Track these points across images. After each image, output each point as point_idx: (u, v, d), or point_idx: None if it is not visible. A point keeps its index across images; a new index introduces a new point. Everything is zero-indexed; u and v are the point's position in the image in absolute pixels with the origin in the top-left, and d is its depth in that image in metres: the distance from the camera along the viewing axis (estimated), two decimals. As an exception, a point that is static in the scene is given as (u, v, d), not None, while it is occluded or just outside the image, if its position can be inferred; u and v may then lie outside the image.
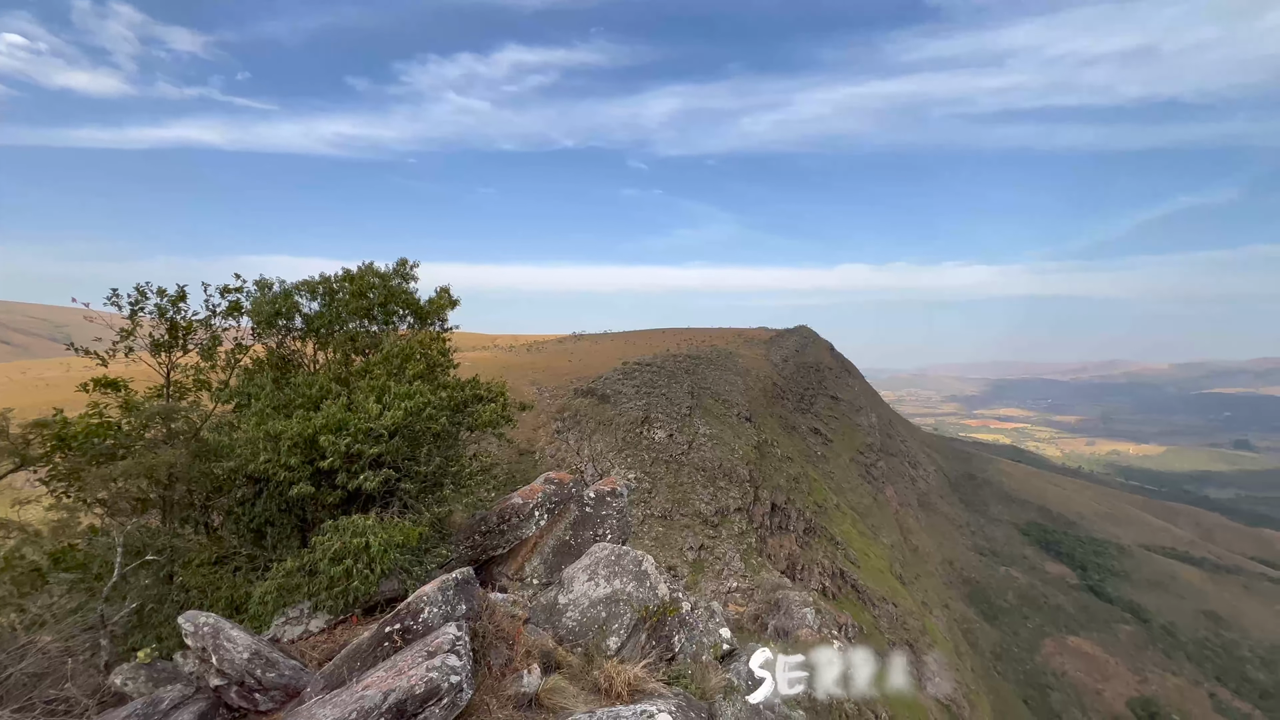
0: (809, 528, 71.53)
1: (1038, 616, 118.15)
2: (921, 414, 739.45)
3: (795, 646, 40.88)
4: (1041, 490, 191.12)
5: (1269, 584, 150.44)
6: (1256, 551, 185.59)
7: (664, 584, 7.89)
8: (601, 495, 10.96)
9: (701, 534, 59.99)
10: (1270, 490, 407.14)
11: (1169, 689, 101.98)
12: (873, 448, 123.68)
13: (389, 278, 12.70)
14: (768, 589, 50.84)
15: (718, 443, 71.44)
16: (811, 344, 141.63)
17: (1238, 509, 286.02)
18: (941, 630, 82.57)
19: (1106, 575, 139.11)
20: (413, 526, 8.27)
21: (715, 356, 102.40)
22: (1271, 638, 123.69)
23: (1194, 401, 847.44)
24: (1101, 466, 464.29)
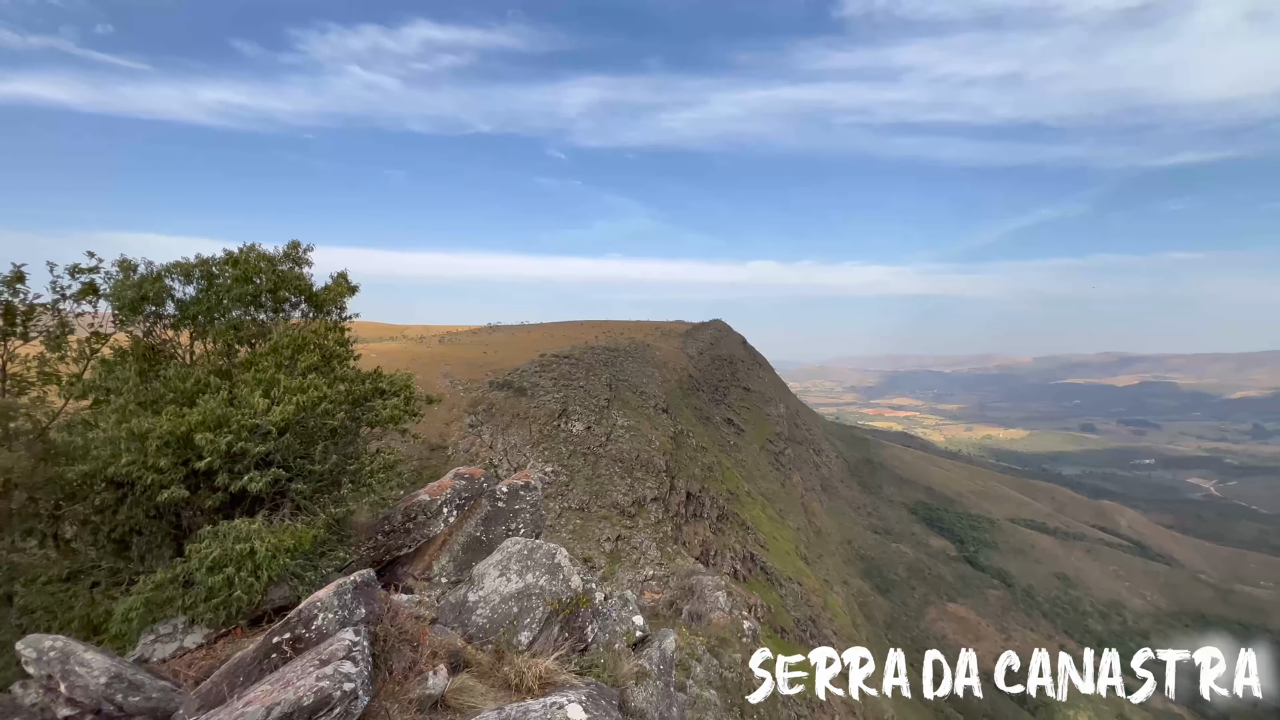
0: (722, 515, 74.25)
1: (923, 587, 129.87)
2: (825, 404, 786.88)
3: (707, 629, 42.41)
4: (927, 472, 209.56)
5: (1106, 548, 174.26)
6: (1097, 520, 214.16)
7: (577, 576, 7.89)
8: (515, 489, 10.76)
9: (619, 525, 60.58)
10: (1108, 467, 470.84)
11: (1028, 644, 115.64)
12: (781, 436, 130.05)
13: (279, 261, 11.70)
14: (682, 575, 52.28)
15: (635, 434, 72.29)
16: (726, 337, 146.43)
17: (1083, 484, 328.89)
18: (841, 605, 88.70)
19: (980, 547, 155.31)
20: (306, 529, 7.71)
21: (633, 349, 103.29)
22: (1107, 594, 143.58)
23: (1050, 391, 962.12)
24: (977, 449, 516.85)
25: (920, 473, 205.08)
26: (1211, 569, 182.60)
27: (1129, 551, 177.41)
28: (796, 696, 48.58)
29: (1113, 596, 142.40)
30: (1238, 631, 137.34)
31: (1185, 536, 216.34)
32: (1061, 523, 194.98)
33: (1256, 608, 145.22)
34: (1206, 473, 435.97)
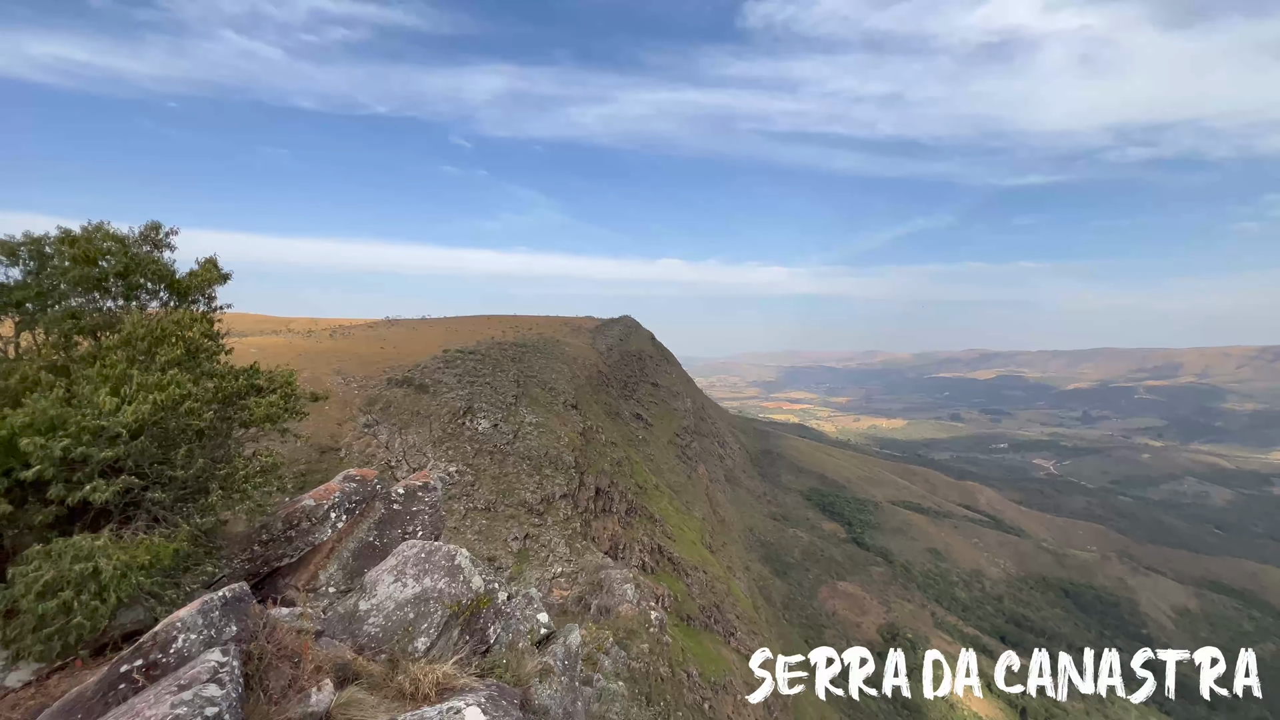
0: (631, 508, 75.16)
1: (816, 568, 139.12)
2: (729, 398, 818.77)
3: (616, 621, 42.82)
4: (820, 461, 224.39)
5: (969, 524, 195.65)
6: (962, 499, 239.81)
7: (479, 577, 7.66)
8: (412, 490, 10.24)
9: (527, 523, 59.54)
10: (971, 451, 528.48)
11: (905, 613, 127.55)
12: (688, 430, 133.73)
13: (134, 244, 10.30)
14: (591, 570, 52.37)
15: (544, 431, 71.29)
16: (635, 333, 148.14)
17: (951, 467, 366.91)
18: (743, 590, 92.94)
19: (865, 528, 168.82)
20: (165, 543, 6.86)
21: (542, 344, 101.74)
22: (971, 565, 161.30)
23: (925, 384, 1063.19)
24: (863, 438, 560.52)
25: (814, 462, 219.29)
26: (1051, 537, 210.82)
27: (987, 526, 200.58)
28: (702, 680, 50.40)
29: (974, 566, 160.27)
30: (1069, 589, 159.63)
31: (1031, 510, 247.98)
32: (933, 503, 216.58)
33: (1083, 568, 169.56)
34: (1047, 454, 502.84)
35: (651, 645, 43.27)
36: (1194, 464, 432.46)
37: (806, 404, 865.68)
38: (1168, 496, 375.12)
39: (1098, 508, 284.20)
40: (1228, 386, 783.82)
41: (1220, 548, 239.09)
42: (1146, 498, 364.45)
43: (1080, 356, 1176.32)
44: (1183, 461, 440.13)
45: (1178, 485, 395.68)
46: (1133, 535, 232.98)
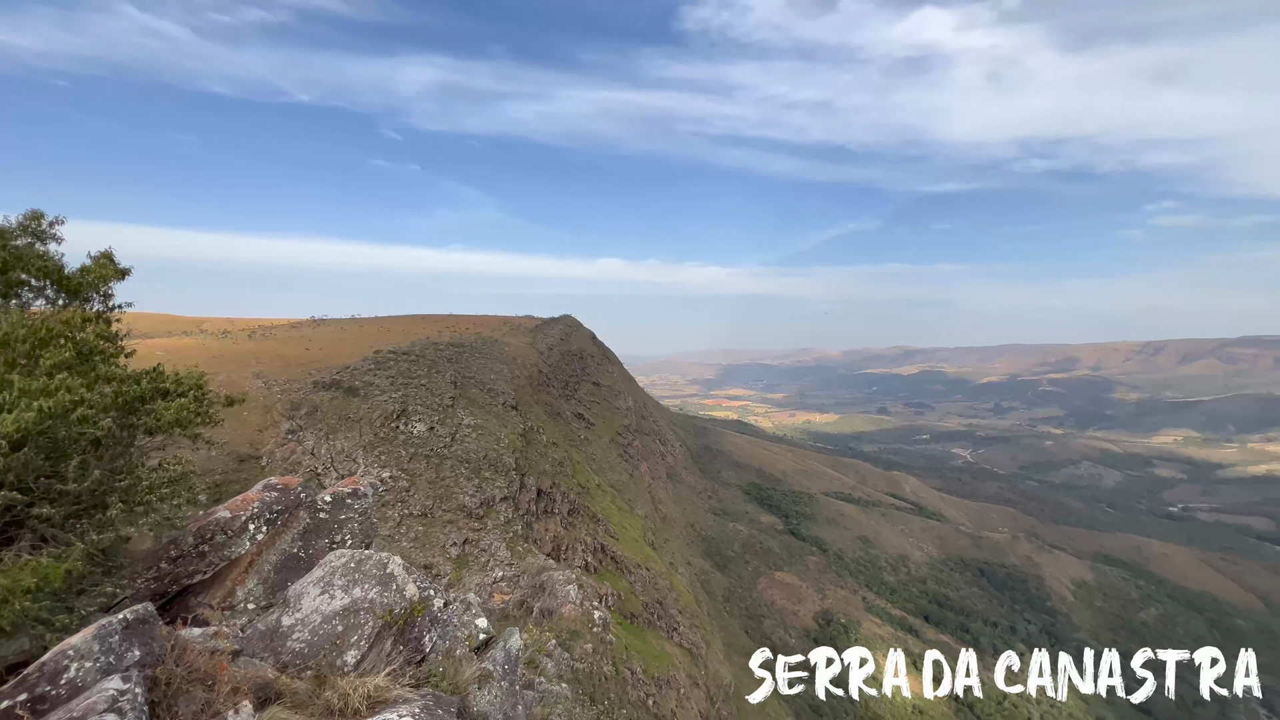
0: (573, 509, 74.64)
1: (755, 560, 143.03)
2: (670, 395, 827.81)
3: (559, 623, 42.45)
4: (759, 456, 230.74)
5: (896, 511, 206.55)
6: (889, 488, 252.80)
7: (414, 584, 7.40)
8: (340, 498, 9.75)
9: (466, 528, 57.98)
10: (897, 443, 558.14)
11: (839, 600, 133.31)
12: (630, 429, 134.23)
13: (11, 235, 9.28)
14: (533, 573, 51.66)
15: (483, 433, 69.62)
16: (576, 332, 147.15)
17: (879, 458, 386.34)
18: (685, 585, 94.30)
19: (801, 519, 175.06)
20: (54, 564, 6.21)
21: (480, 344, 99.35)
22: (897, 550, 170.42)
23: (855, 380, 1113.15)
24: (799, 433, 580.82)
25: (752, 457, 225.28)
26: (968, 521, 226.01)
27: (912, 513, 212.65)
28: (646, 676, 50.77)
29: (900, 551, 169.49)
30: (984, 568, 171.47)
31: (950, 496, 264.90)
32: (863, 493, 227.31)
33: (996, 548, 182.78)
34: (964, 444, 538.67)
35: (595, 645, 43.19)
36: (1089, 449, 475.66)
37: (745, 400, 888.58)
38: (1067, 479, 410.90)
39: (1008, 492, 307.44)
40: (1116, 379, 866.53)
41: (1111, 524, 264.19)
42: (1049, 481, 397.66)
43: (992, 352, 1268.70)
44: (1079, 448, 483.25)
45: (1075, 469, 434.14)
46: (1038, 516, 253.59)
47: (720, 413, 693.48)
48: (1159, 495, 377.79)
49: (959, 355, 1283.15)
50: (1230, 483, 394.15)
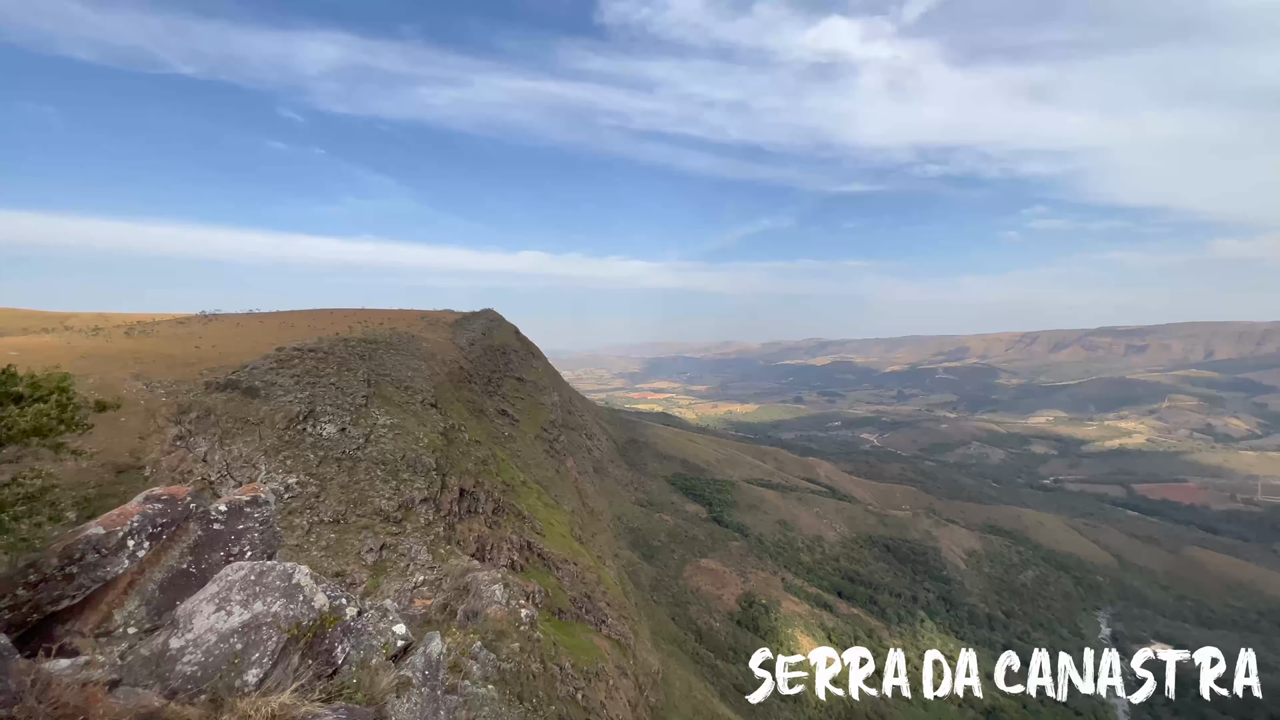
0: (498, 507, 72.98)
1: (681, 549, 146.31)
2: (596, 390, 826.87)
3: (484, 624, 41.47)
4: (683, 447, 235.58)
5: (811, 495, 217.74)
6: (805, 473, 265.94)
7: (323, 594, 6.97)
8: (237, 507, 8.98)
9: (383, 532, 55.23)
10: (812, 430, 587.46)
11: (760, 582, 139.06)
12: (555, 424, 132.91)
13: None
14: (457, 575, 50.09)
15: (400, 433, 66.46)
16: (498, 327, 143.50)
17: (795, 445, 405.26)
18: (613, 577, 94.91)
19: (724, 507, 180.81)
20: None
21: (396, 340, 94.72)
22: (813, 531, 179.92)
23: (773, 371, 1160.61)
24: (721, 423, 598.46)
25: (677, 448, 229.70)
26: (875, 500, 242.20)
27: (826, 495, 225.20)
28: (575, 671, 50.73)
29: (816, 532, 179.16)
30: (889, 544, 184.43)
31: (859, 478, 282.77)
32: (782, 478, 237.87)
33: (900, 525, 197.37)
34: (871, 429, 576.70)
35: (522, 643, 42.55)
36: (978, 431, 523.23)
37: (669, 393, 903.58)
38: (960, 459, 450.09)
39: (910, 472, 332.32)
40: (1000, 366, 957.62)
41: (996, 497, 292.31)
42: (945, 461, 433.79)
43: (895, 343, 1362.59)
44: (970, 429, 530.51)
45: (967, 449, 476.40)
46: (935, 493, 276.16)
47: (646, 406, 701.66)
48: (1035, 470, 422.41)
49: (866, 346, 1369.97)
50: (1091, 457, 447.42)
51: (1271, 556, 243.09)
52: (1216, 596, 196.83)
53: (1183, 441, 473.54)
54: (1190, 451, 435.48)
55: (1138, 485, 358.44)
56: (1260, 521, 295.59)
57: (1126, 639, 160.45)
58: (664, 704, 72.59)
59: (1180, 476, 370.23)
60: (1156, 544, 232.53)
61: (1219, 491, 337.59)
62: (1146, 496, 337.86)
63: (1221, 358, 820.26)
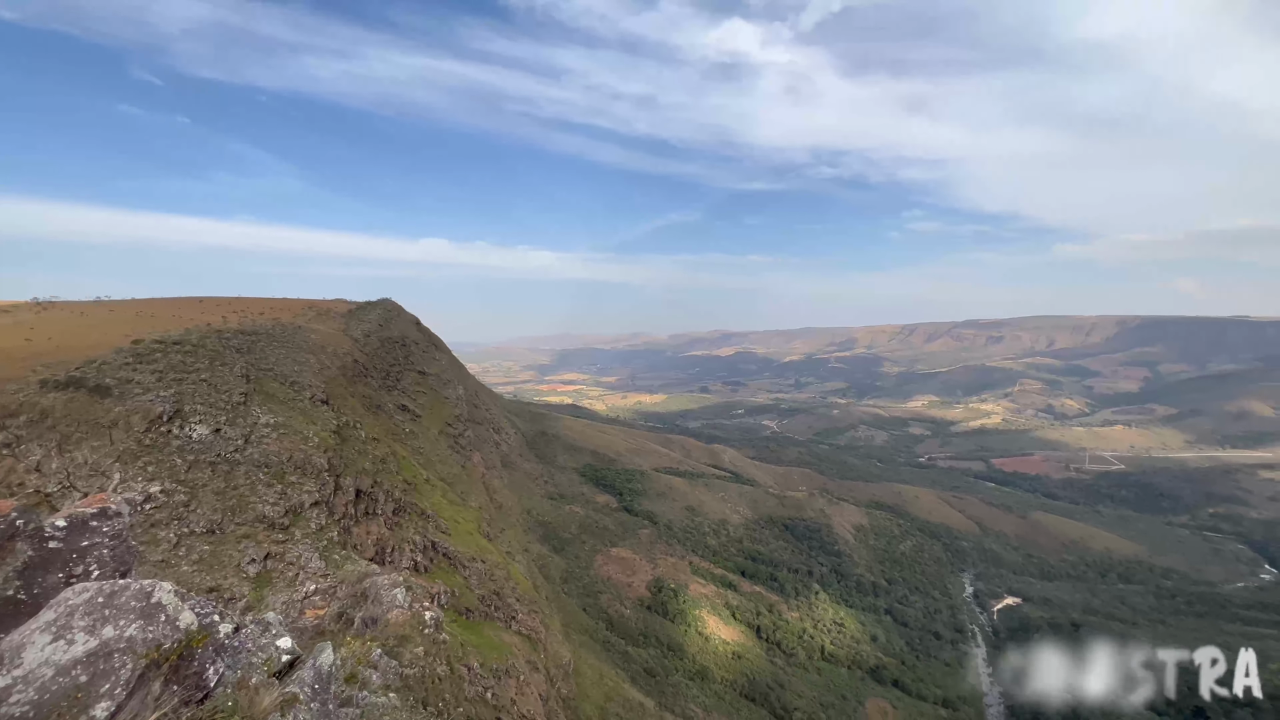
0: (399, 507, 69.34)
1: (592, 539, 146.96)
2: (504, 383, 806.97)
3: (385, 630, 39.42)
4: (593, 438, 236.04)
5: (716, 480, 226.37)
6: (710, 460, 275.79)
7: (189, 612, 6.29)
8: (80, 521, 7.85)
9: (267, 541, 50.61)
10: (717, 418, 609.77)
11: (668, 567, 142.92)
12: (460, 418, 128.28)
13: None
14: (353, 581, 47.07)
15: (286, 432, 61.08)
16: (397, 318, 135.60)
17: (702, 433, 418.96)
18: (523, 572, 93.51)
19: (634, 496, 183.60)
20: None
21: (279, 332, 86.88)
22: (718, 515, 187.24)
23: (680, 362, 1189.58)
24: (631, 413, 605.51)
25: (587, 439, 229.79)
26: (775, 483, 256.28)
27: (730, 480, 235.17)
28: (484, 670, 49.55)
29: (721, 516, 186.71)
30: (788, 524, 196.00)
31: (760, 463, 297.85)
32: (689, 466, 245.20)
33: (797, 505, 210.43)
34: (771, 416, 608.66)
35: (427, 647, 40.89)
36: (865, 415, 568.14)
37: (579, 385, 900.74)
38: (849, 441, 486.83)
39: (806, 455, 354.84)
40: (884, 355, 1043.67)
41: (880, 476, 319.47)
42: (836, 444, 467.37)
43: (793, 335, 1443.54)
44: (858, 414, 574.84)
45: (855, 432, 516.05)
46: (828, 474, 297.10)
47: (555, 398, 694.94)
48: (913, 449, 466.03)
49: (767, 338, 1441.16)
50: (958, 436, 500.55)
51: (1096, 516, 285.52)
52: (1054, 553, 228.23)
53: (1029, 420, 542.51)
54: (1035, 429, 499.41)
55: (995, 460, 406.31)
56: (1088, 487, 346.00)
57: (986, 595, 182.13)
58: (576, 694, 72.93)
59: (1028, 451, 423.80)
60: (1009, 511, 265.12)
61: (1057, 463, 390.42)
62: (1002, 469, 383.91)
63: (1060, 347, 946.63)
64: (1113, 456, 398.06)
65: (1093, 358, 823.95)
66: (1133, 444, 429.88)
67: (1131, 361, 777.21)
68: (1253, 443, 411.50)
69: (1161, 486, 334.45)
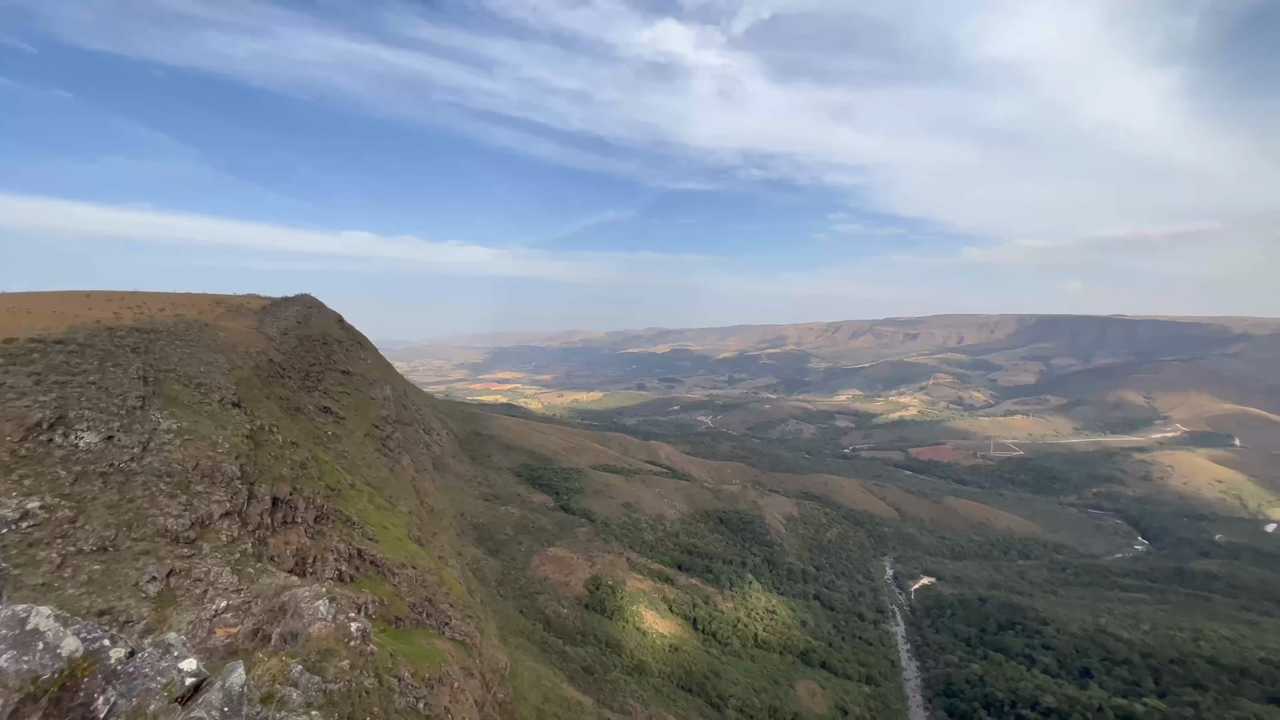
0: (321, 515, 65.70)
1: (528, 539, 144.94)
2: (435, 382, 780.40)
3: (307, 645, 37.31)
4: (529, 437, 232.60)
5: (653, 476, 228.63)
6: (648, 456, 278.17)
7: (74, 638, 5.76)
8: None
9: (170, 556, 46.59)
10: (654, 415, 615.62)
11: (606, 564, 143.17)
12: (388, 420, 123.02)
13: None
14: (270, 595, 44.26)
15: (191, 438, 56.39)
16: (317, 315, 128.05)
17: (639, 430, 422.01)
18: (457, 576, 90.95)
19: (572, 494, 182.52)
20: None
21: (183, 330, 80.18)
22: (655, 510, 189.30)
23: (617, 359, 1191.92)
24: (567, 412, 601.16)
25: (523, 438, 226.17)
26: (709, 477, 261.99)
27: (667, 476, 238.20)
28: (416, 680, 47.91)
29: (658, 512, 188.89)
30: (722, 516, 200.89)
31: (696, 458, 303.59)
32: (626, 463, 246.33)
33: (731, 498, 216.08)
34: (706, 412, 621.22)
35: (353, 660, 39.07)
36: (794, 409, 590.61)
37: (515, 383, 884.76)
38: (780, 435, 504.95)
39: (740, 449, 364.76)
40: (811, 352, 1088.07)
41: (808, 467, 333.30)
42: (767, 438, 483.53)
43: (727, 332, 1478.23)
44: (788, 408, 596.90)
45: (785, 426, 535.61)
46: (760, 467, 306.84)
47: (490, 397, 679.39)
48: (839, 441, 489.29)
49: (702, 335, 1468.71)
50: (879, 428, 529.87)
51: (999, 499, 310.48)
52: (964, 535, 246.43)
53: (942, 412, 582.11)
54: (947, 420, 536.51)
55: (912, 449, 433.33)
56: (992, 472, 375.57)
57: (905, 576, 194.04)
58: (513, 697, 71.84)
59: (941, 441, 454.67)
60: (925, 497, 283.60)
61: (966, 450, 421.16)
62: (918, 458, 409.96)
63: (968, 343, 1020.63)
64: (1013, 444, 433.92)
65: (996, 353, 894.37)
66: (1030, 432, 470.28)
67: (1029, 356, 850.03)
68: (1128, 428, 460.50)
69: (1054, 470, 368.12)
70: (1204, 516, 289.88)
